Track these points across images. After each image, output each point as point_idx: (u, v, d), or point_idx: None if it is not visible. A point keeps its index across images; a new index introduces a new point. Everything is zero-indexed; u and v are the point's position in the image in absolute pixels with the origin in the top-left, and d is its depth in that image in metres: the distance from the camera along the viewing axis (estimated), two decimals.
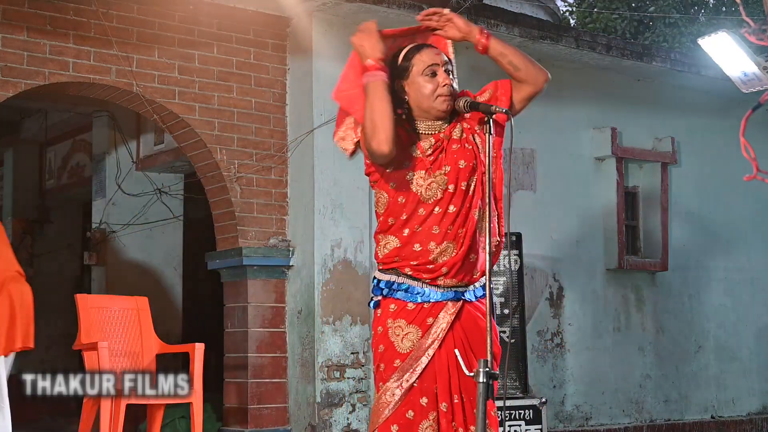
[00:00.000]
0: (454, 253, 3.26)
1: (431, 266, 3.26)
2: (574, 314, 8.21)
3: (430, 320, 3.27)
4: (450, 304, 3.29)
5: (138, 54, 6.55)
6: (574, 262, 8.24)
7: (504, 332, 6.65)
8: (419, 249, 3.26)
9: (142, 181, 8.68)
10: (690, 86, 8.86)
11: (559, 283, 8.16)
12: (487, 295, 3.08)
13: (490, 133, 3.19)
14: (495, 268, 6.73)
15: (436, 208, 3.28)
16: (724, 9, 17.25)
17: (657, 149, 8.79)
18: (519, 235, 6.88)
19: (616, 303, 8.50)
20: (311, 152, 6.92)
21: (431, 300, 3.28)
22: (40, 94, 7.03)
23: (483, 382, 2.96)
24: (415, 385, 3.25)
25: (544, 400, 6.51)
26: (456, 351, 3.22)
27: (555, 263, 8.13)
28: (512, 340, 6.70)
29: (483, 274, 3.32)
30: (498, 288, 6.71)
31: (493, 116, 3.22)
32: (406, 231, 3.28)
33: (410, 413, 3.24)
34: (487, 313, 3.08)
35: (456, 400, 3.25)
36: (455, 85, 3.34)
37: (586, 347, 8.25)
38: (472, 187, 3.31)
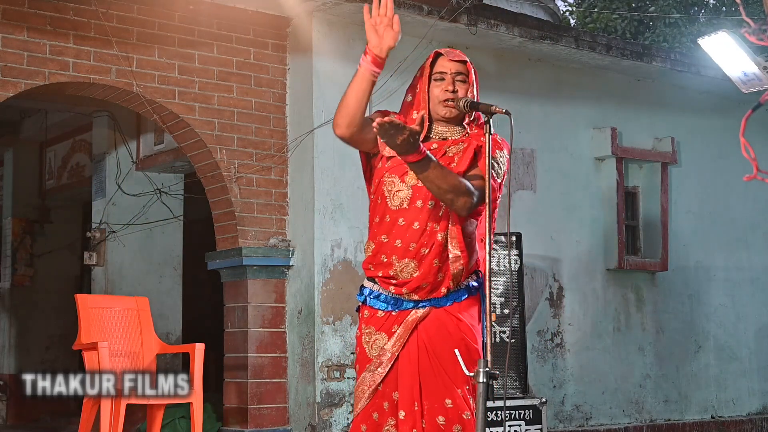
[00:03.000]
0: (416, 273, 3.28)
1: (394, 281, 3.30)
2: (574, 314, 8.21)
3: (395, 327, 3.31)
4: (417, 310, 3.32)
5: (138, 54, 6.55)
6: (574, 262, 8.23)
7: (504, 332, 6.66)
8: (385, 261, 3.32)
9: (142, 181, 8.68)
10: (690, 86, 8.86)
11: (559, 283, 8.16)
12: (487, 296, 3.09)
13: (490, 133, 3.21)
14: (495, 267, 6.74)
15: (401, 219, 3.30)
16: (724, 9, 17.25)
17: (657, 149, 8.79)
18: (519, 235, 6.88)
19: (616, 303, 8.49)
20: (311, 152, 6.92)
21: (399, 309, 3.32)
22: (40, 94, 7.03)
23: (483, 382, 2.96)
24: (379, 388, 3.33)
25: (544, 400, 6.50)
26: (456, 351, 3.24)
27: (555, 263, 8.13)
28: (512, 340, 6.70)
29: (449, 289, 3.34)
30: (498, 288, 6.71)
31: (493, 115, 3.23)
32: (377, 238, 3.34)
33: (375, 415, 3.33)
34: (488, 312, 3.08)
35: (416, 408, 3.26)
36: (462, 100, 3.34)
37: (586, 347, 8.25)
38: (442, 207, 3.30)
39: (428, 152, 3.14)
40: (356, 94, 3.21)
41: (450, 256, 3.30)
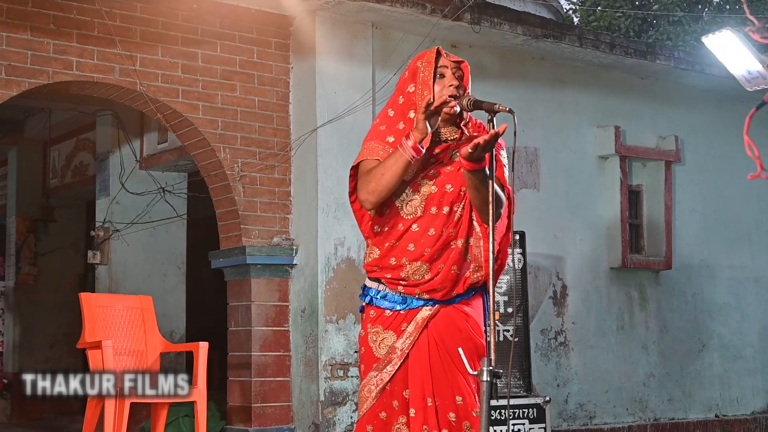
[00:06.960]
0: (428, 276, 3.30)
1: (404, 282, 3.31)
2: (578, 313, 8.20)
3: (404, 325, 3.33)
4: (426, 308, 3.33)
5: (141, 53, 6.55)
6: (577, 261, 8.23)
7: (507, 331, 6.65)
8: (394, 263, 3.33)
9: (145, 180, 8.68)
10: (694, 84, 8.85)
11: (562, 282, 8.16)
12: (491, 295, 3.09)
13: None
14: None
15: (414, 226, 3.31)
16: (728, 7, 17.22)
17: (661, 147, 8.78)
18: (522, 234, 6.87)
19: (620, 301, 8.49)
20: (314, 151, 6.91)
21: (408, 308, 3.32)
22: (43, 93, 7.03)
23: (487, 381, 2.96)
24: (387, 387, 3.32)
25: (547, 398, 6.50)
26: (460, 350, 3.24)
27: (558, 262, 8.12)
28: (516, 339, 6.70)
29: (461, 293, 3.37)
30: (501, 287, 6.71)
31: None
32: (387, 244, 3.35)
33: (383, 414, 3.33)
34: (491, 312, 3.08)
35: (430, 404, 3.27)
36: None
37: (589, 346, 8.25)
38: (458, 213, 3.32)
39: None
40: (396, 179, 3.21)
41: (472, 266, 3.35)
